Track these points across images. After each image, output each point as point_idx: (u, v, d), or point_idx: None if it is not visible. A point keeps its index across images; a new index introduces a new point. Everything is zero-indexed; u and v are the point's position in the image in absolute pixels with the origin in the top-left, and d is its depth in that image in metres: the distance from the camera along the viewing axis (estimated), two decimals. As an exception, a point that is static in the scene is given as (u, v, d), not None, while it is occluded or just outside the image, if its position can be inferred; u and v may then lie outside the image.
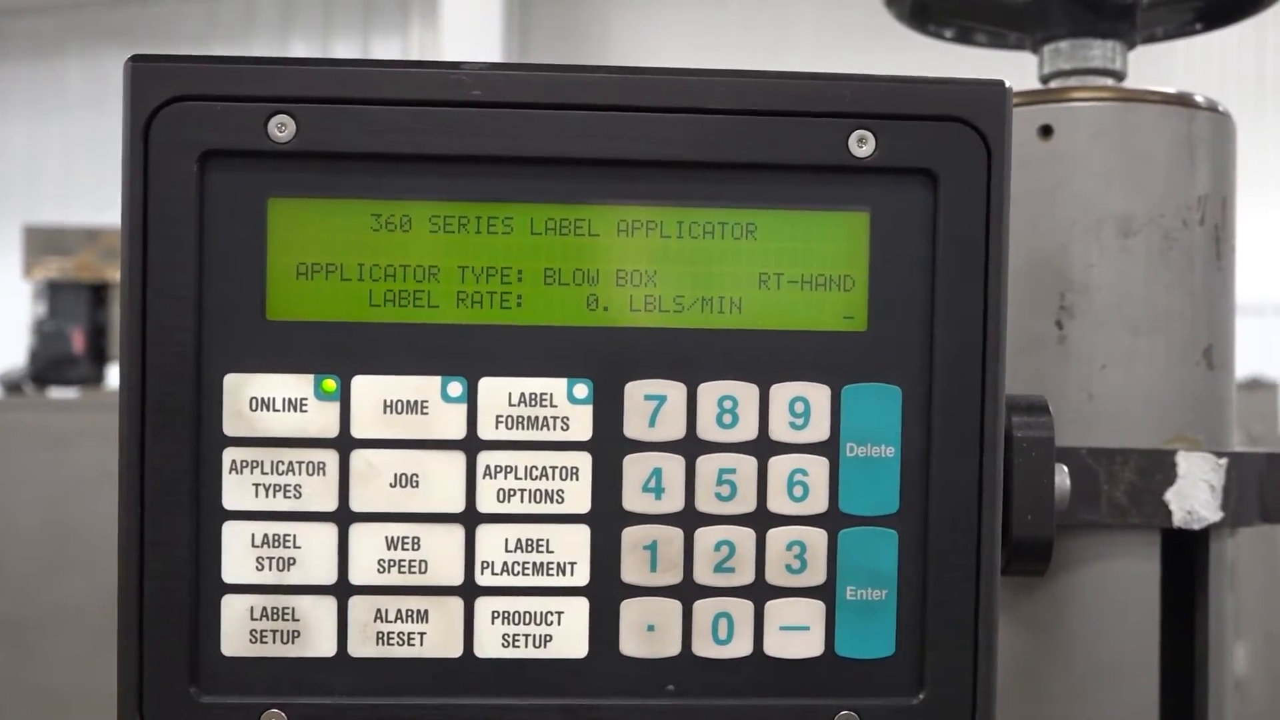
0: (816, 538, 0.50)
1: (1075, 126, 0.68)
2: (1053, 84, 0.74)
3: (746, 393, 0.50)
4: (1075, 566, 0.67)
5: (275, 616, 0.49)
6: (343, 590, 0.50)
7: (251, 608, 0.49)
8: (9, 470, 3.02)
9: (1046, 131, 0.68)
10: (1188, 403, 0.68)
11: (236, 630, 0.49)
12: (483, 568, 0.50)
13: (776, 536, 0.50)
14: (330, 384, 0.49)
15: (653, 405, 0.50)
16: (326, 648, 0.50)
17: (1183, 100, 0.70)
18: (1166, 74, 6.97)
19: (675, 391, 0.50)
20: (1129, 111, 0.69)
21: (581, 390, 0.50)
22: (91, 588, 3.03)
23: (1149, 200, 0.68)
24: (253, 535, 0.49)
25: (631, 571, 0.50)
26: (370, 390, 0.50)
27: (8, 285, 4.98)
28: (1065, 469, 0.58)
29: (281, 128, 0.48)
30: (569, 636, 0.50)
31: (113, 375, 3.83)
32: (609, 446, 0.50)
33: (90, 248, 3.78)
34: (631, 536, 0.50)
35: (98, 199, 8.21)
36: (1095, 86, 0.71)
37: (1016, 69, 0.78)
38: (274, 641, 0.49)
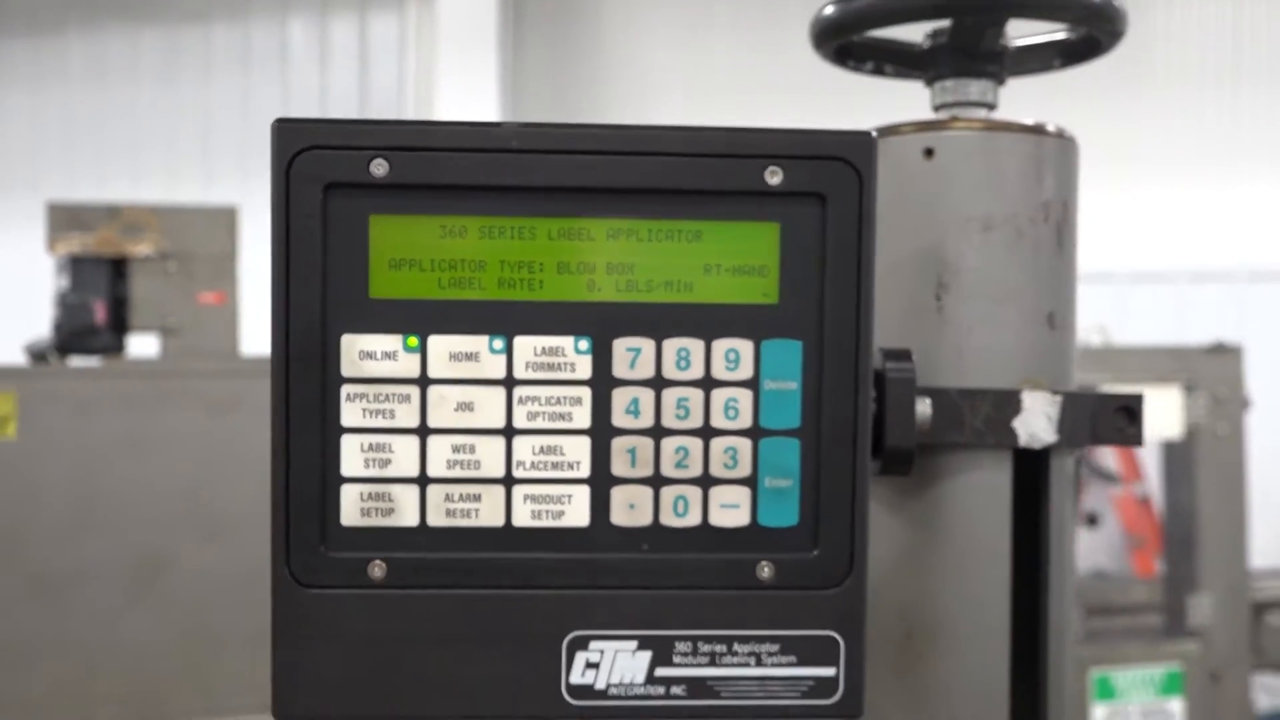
0: (744, 445, 0.74)
1: (951, 149, 0.91)
2: (940, 114, 0.97)
3: (696, 346, 0.74)
4: (948, 476, 0.90)
5: (377, 499, 0.73)
6: (422, 481, 0.73)
7: (361, 493, 0.73)
8: (37, 436, 3.13)
9: (929, 153, 0.91)
10: (1034, 355, 0.91)
11: (351, 508, 0.73)
12: (517, 465, 0.73)
13: (717, 444, 0.74)
14: (413, 340, 0.73)
15: (632, 355, 0.74)
16: (412, 520, 0.73)
17: (1034, 129, 0.93)
18: (1147, 52, 7.18)
19: (647, 345, 0.74)
20: (992, 138, 0.92)
21: (584, 345, 0.73)
22: (116, 546, 3.16)
23: (1006, 205, 0.91)
24: (361, 444, 0.73)
25: (618, 467, 0.74)
26: (440, 345, 0.73)
27: (32, 259, 5.12)
28: (928, 400, 0.82)
29: (379, 167, 0.71)
30: (576, 511, 0.74)
31: (133, 345, 3.89)
32: (602, 383, 0.73)
33: (111, 224, 3.90)
34: (618, 444, 0.74)
35: (103, 172, 8.41)
36: (968, 119, 0.94)
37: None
38: (376, 515, 0.73)
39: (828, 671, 0.74)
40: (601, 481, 0.73)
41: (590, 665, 0.73)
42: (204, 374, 3.32)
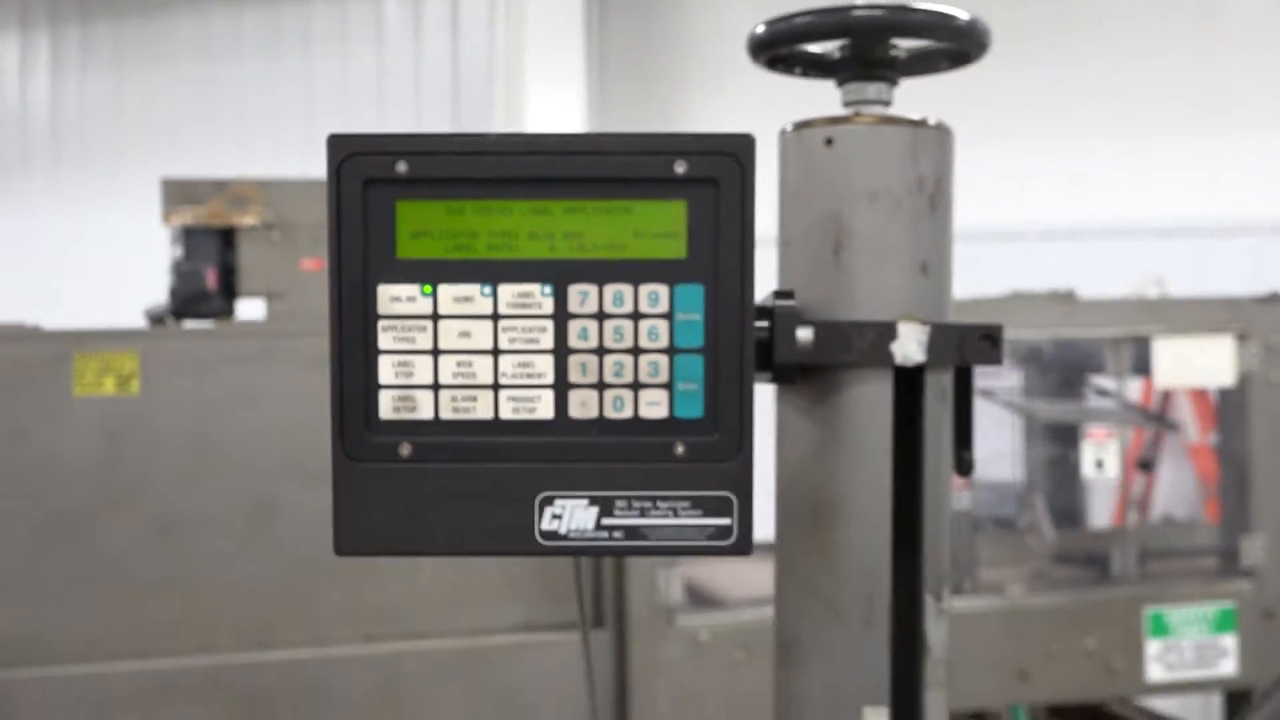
0: (663, 360, 1.04)
1: (847, 139, 1.20)
2: (846, 109, 1.25)
3: (627, 290, 1.03)
4: (845, 388, 1.19)
5: (404, 400, 1.04)
6: (435, 387, 1.04)
7: (392, 396, 1.04)
8: (157, 392, 3.27)
9: (829, 141, 1.20)
10: (910, 296, 1.20)
11: (385, 406, 1.04)
12: (501, 375, 1.04)
13: (644, 359, 1.04)
14: (428, 288, 1.03)
15: (582, 296, 1.04)
16: (428, 414, 1.04)
17: (916, 123, 1.21)
18: (1116, 22, 7.26)
19: (593, 290, 1.03)
20: (879, 130, 1.20)
21: (547, 290, 1.03)
22: (230, 492, 3.30)
23: (888, 181, 1.19)
24: (392, 362, 1.03)
25: (573, 376, 1.04)
26: (446, 291, 1.03)
27: (146, 231, 5.44)
28: (810, 328, 1.11)
29: (402, 166, 1.02)
30: (543, 408, 1.04)
31: (241, 309, 4.20)
32: (561, 317, 1.04)
33: (219, 197, 4.15)
34: (573, 360, 1.04)
35: (210, 146, 8.86)
36: (866, 114, 1.22)
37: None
38: (403, 411, 1.04)
39: (726, 521, 1.04)
40: (561, 387, 1.04)
41: (555, 516, 1.04)
42: (307, 334, 3.56)
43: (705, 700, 3.42)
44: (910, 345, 1.16)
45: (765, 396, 1.20)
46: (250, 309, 4.14)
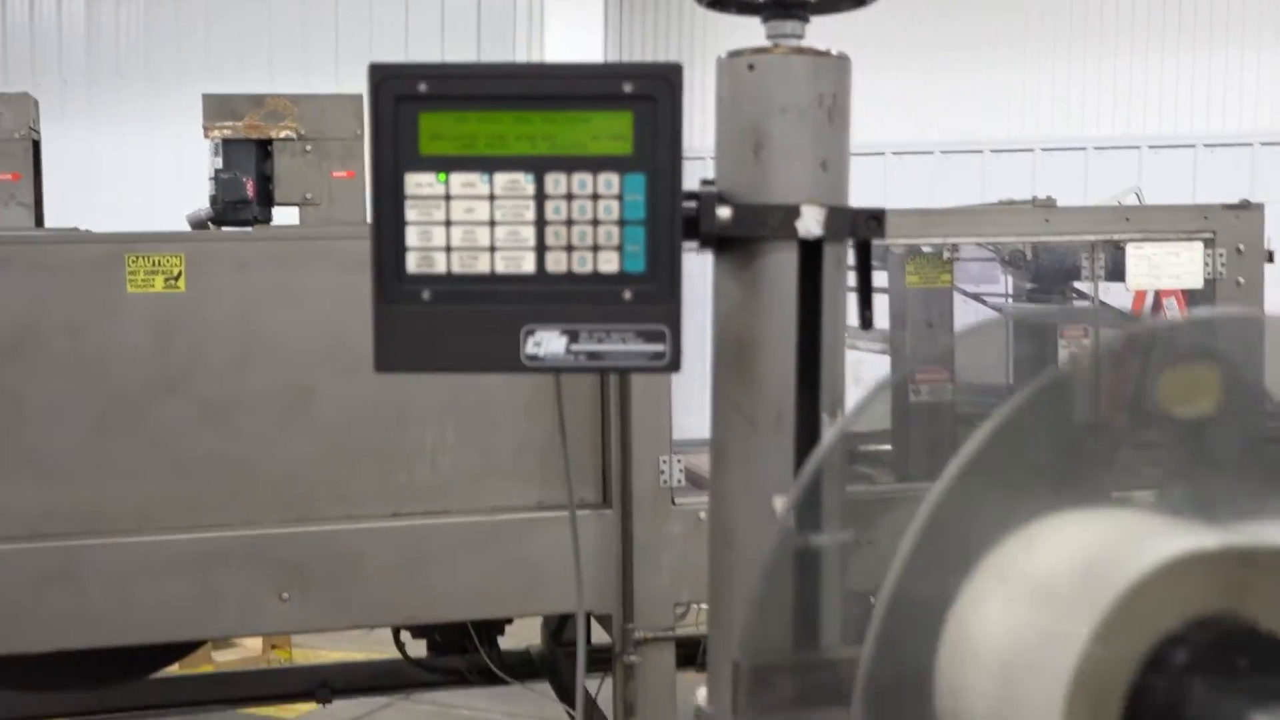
0: (615, 229, 1.41)
1: (765, 65, 1.56)
2: (768, 42, 1.60)
3: (589, 177, 1.40)
4: (763, 255, 1.55)
5: (424, 258, 1.41)
6: (448, 249, 1.41)
7: (416, 255, 1.41)
8: (203, 289, 3.60)
9: (751, 67, 1.56)
10: (813, 186, 1.56)
11: (411, 263, 1.41)
12: (495, 240, 1.41)
13: (601, 229, 1.41)
14: (442, 176, 1.40)
15: (555, 182, 1.41)
16: (443, 269, 1.41)
17: (820, 53, 1.56)
18: None
19: (563, 177, 1.40)
20: (790, 59, 1.56)
21: (530, 178, 1.41)
22: (271, 379, 3.66)
23: (793, 97, 1.55)
24: (416, 230, 1.41)
25: (549, 241, 1.41)
26: (457, 179, 1.40)
27: (181, 145, 5.79)
28: (729, 207, 1.48)
29: (423, 87, 1.39)
30: (527, 264, 1.41)
31: (278, 215, 4.41)
32: (539, 198, 1.41)
33: (256, 111, 4.45)
34: (548, 230, 1.41)
35: (243, 66, 9.19)
36: (780, 46, 1.58)
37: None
38: (424, 266, 1.41)
39: (661, 347, 1.42)
40: (540, 249, 1.41)
41: (535, 344, 1.42)
42: (339, 237, 3.80)
43: (703, 572, 3.76)
44: (811, 223, 1.53)
45: (707, 266, 1.58)
46: (285, 216, 4.48)
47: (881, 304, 4.51)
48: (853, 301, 1.61)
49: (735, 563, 1.59)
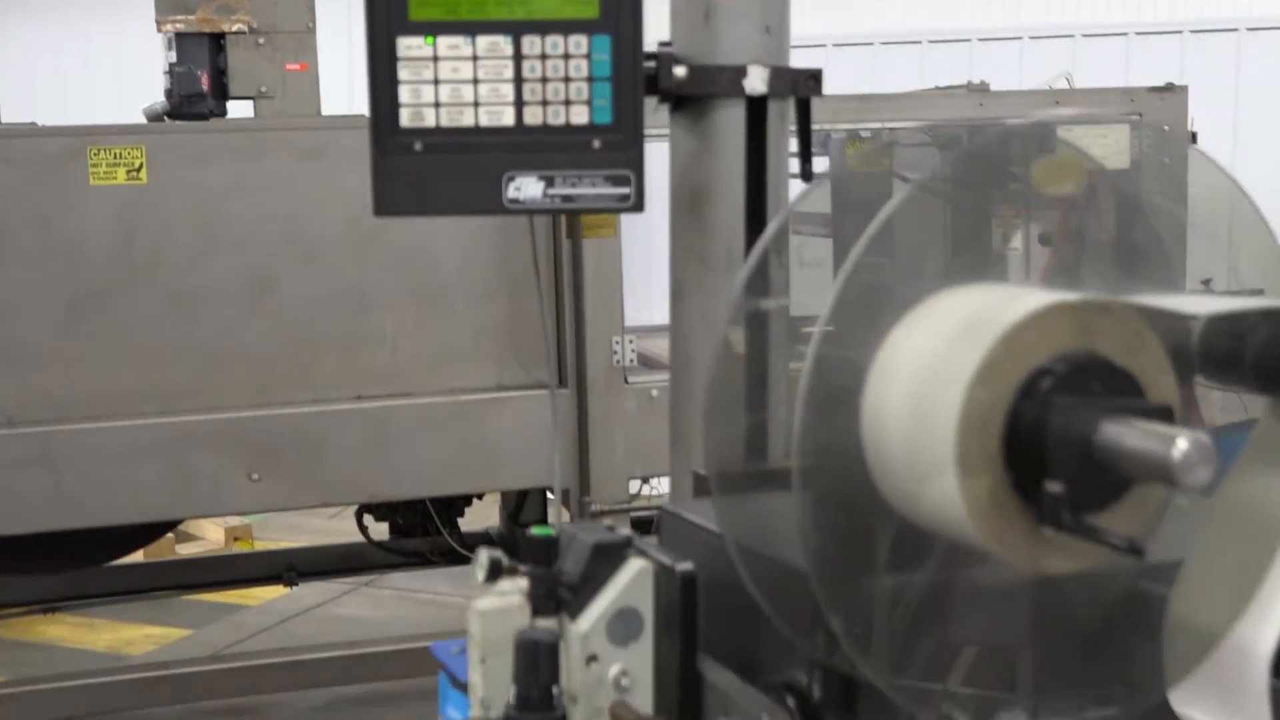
0: (585, 85, 1.59)
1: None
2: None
3: (560, 39, 1.58)
4: (714, 111, 1.73)
5: (416, 113, 1.58)
6: (436, 105, 1.58)
7: (408, 110, 1.58)
8: (164, 180, 3.64)
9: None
10: (759, 50, 1.73)
11: (404, 117, 1.58)
12: (479, 96, 1.58)
13: (572, 85, 1.59)
14: (430, 39, 1.57)
15: (530, 43, 1.58)
16: (432, 123, 1.59)
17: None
18: None
19: (539, 39, 1.58)
20: None
21: (508, 39, 1.58)
22: (233, 268, 3.70)
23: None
24: (408, 88, 1.58)
25: (526, 96, 1.59)
26: (443, 41, 1.57)
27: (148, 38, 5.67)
28: (684, 67, 1.66)
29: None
30: (507, 118, 1.59)
31: (232, 108, 4.31)
32: (516, 58, 1.58)
33: (208, 5, 4.47)
34: (525, 87, 1.59)
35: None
36: None
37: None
38: (416, 120, 1.58)
39: (626, 190, 1.60)
40: (518, 104, 1.59)
41: (516, 189, 1.60)
42: (296, 128, 3.88)
43: (655, 447, 3.85)
44: (756, 81, 1.71)
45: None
46: (240, 110, 4.37)
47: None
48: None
49: (693, 386, 1.79)
